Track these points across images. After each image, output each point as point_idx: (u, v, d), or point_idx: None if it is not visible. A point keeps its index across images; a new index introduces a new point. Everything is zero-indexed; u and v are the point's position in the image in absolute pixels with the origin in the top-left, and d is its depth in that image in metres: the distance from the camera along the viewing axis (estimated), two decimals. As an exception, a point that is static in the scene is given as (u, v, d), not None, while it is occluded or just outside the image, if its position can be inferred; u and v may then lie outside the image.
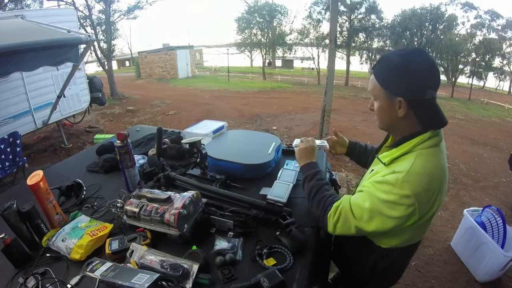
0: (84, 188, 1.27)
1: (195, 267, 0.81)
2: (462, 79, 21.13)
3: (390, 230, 0.81)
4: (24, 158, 3.30)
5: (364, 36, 21.12)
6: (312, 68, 26.33)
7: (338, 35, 19.68)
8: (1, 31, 2.81)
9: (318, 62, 20.93)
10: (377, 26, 20.63)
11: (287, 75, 24.46)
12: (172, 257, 0.85)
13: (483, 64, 18.97)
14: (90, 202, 1.22)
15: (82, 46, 3.13)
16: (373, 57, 21.46)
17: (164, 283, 0.76)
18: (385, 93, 0.81)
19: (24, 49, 2.31)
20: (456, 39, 18.48)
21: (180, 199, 0.96)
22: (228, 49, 24.15)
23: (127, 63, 32.26)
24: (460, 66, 19.14)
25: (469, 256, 2.31)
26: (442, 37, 18.77)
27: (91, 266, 0.80)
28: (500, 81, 24.22)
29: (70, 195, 1.26)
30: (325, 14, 20.02)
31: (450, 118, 9.98)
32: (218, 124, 1.84)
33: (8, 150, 3.12)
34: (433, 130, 0.81)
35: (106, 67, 11.06)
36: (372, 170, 0.91)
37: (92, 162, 1.59)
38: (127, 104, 9.61)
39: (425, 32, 19.70)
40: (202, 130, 1.73)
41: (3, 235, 0.87)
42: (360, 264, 1.06)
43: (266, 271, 0.82)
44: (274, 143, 1.58)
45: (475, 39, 18.55)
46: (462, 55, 18.53)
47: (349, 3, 19.61)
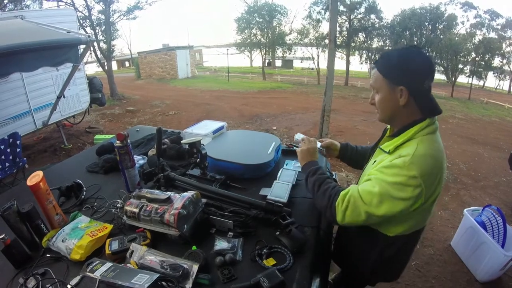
0: (84, 188, 1.28)
1: (195, 267, 0.81)
2: (462, 79, 21.13)
3: (398, 213, 0.84)
4: (24, 159, 3.30)
5: (364, 36, 21.11)
6: (312, 68, 26.32)
7: (338, 35, 19.69)
8: (1, 31, 2.81)
9: (318, 62, 20.92)
10: (376, 26, 20.61)
11: (287, 75, 24.44)
12: (172, 257, 0.85)
13: (483, 63, 18.94)
14: (90, 202, 1.22)
15: (82, 47, 3.13)
16: (372, 57, 21.45)
17: (164, 283, 0.76)
18: (387, 83, 0.88)
19: (24, 49, 2.31)
20: (456, 38, 18.47)
21: (180, 199, 0.96)
22: (227, 49, 24.14)
23: (127, 64, 32.26)
24: (460, 66, 19.12)
25: (469, 256, 2.31)
26: (441, 36, 18.75)
27: (91, 267, 0.80)
28: (500, 80, 24.20)
29: (70, 195, 1.27)
30: (324, 14, 20.02)
31: (450, 117, 9.98)
32: (218, 124, 1.84)
33: (8, 150, 3.12)
34: (430, 118, 0.88)
35: (106, 68, 11.05)
36: (375, 161, 0.95)
37: (92, 162, 1.59)
38: (127, 105, 9.61)
39: (424, 32, 19.69)
40: (202, 130, 1.73)
41: (3, 235, 0.87)
42: (365, 259, 1.06)
43: (266, 271, 0.82)
44: (274, 143, 1.58)
45: (474, 39, 18.52)
46: (461, 54, 18.50)
47: (348, 3, 19.60)
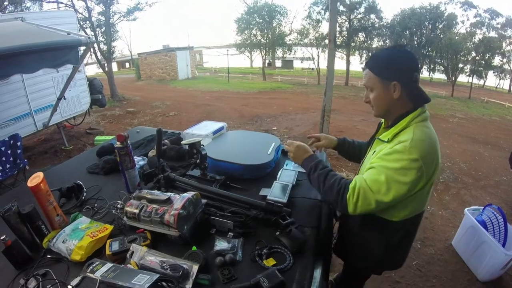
0: (85, 189, 1.28)
1: (195, 268, 0.81)
2: (462, 78, 21.07)
3: (404, 196, 0.90)
4: (25, 160, 3.31)
5: (364, 35, 21.08)
6: (312, 68, 26.30)
7: (338, 35, 19.68)
8: (1, 33, 2.81)
9: (318, 62, 20.90)
10: (376, 25, 20.59)
11: (287, 76, 24.43)
12: (172, 257, 0.85)
13: (483, 62, 18.89)
14: (91, 203, 1.22)
15: (82, 48, 3.14)
16: (373, 56, 21.36)
17: (164, 283, 0.76)
18: (380, 81, 0.95)
19: (24, 51, 2.31)
20: (456, 38, 18.45)
21: (180, 200, 0.96)
22: (228, 50, 24.14)
23: (127, 65, 32.27)
24: (460, 65, 19.08)
25: (470, 255, 2.30)
26: (441, 36, 18.74)
27: (91, 267, 0.80)
28: (500, 79, 24.18)
29: (70, 196, 1.27)
30: (324, 14, 20.01)
31: (451, 117, 9.98)
32: (218, 125, 1.85)
33: (9, 152, 3.13)
34: (421, 107, 0.96)
35: (106, 69, 11.06)
36: (374, 151, 1.00)
37: (92, 163, 1.60)
38: (127, 106, 9.61)
39: (424, 31, 19.68)
40: (202, 131, 1.74)
41: (4, 236, 0.87)
42: (372, 247, 1.10)
43: (266, 271, 0.83)
44: (274, 144, 1.58)
45: (474, 38, 18.50)
46: (462, 53, 18.48)
47: (348, 3, 19.59)
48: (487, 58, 18.67)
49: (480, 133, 7.78)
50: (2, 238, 0.87)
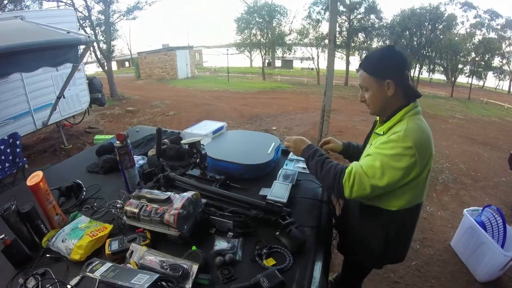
0: (84, 188, 1.28)
1: (195, 268, 0.81)
2: (462, 79, 21.11)
3: (398, 182, 0.94)
4: (24, 159, 3.30)
5: (364, 36, 21.06)
6: (312, 68, 26.31)
7: (338, 35, 19.67)
8: (0, 32, 2.80)
9: (318, 62, 20.91)
10: (376, 26, 20.57)
11: (287, 75, 24.43)
12: (171, 257, 0.85)
13: (483, 63, 18.91)
14: (90, 202, 1.22)
15: (82, 47, 3.13)
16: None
17: (164, 283, 0.76)
18: (375, 80, 1.00)
19: (24, 50, 2.30)
20: (456, 38, 18.45)
21: (179, 200, 0.96)
22: (227, 49, 24.12)
23: (127, 64, 32.23)
24: (460, 66, 19.10)
25: (469, 256, 2.31)
26: (441, 36, 18.71)
27: (91, 267, 0.80)
28: (499, 80, 24.19)
29: (70, 195, 1.27)
30: (324, 14, 20.00)
31: (450, 117, 9.99)
32: (217, 124, 1.85)
33: (8, 151, 3.12)
34: (413, 102, 1.01)
35: (106, 68, 11.05)
36: (371, 144, 1.05)
37: (92, 162, 1.59)
38: (126, 105, 9.61)
39: (424, 32, 19.64)
40: (201, 131, 1.73)
41: (3, 236, 0.87)
42: (373, 238, 1.12)
43: (265, 271, 0.83)
44: (273, 143, 1.58)
45: (474, 39, 18.50)
46: (461, 54, 18.49)
47: (348, 3, 19.59)
48: (486, 59, 18.69)
49: (480, 134, 7.79)
50: (1, 237, 0.87)
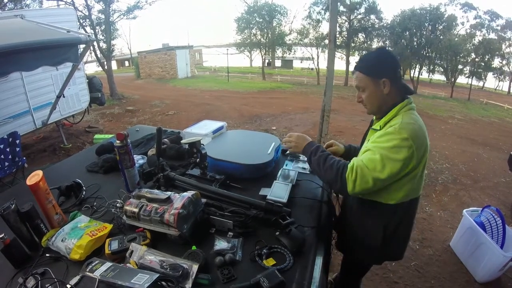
0: (84, 188, 1.27)
1: (195, 267, 0.81)
2: (462, 80, 21.10)
3: (398, 174, 0.96)
4: (24, 158, 3.29)
5: (364, 36, 21.05)
6: (312, 68, 26.30)
7: (338, 35, 19.67)
8: (0, 30, 2.80)
9: (318, 62, 20.89)
10: (376, 26, 20.56)
11: (287, 75, 24.42)
12: (171, 257, 0.85)
13: (483, 64, 18.91)
14: (90, 202, 1.22)
15: (82, 46, 3.13)
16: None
17: (163, 283, 0.76)
18: (371, 80, 1.04)
19: (24, 49, 2.30)
20: (456, 39, 18.45)
21: (179, 199, 0.96)
22: (227, 49, 24.10)
23: (127, 63, 32.21)
24: (460, 67, 19.12)
25: (468, 256, 2.31)
26: (441, 37, 18.70)
27: (90, 266, 0.80)
28: (499, 81, 24.20)
29: (69, 195, 1.26)
30: (324, 14, 19.99)
31: (450, 118, 10.00)
32: (217, 124, 1.84)
33: (8, 150, 3.11)
34: (407, 99, 1.06)
35: (106, 67, 11.05)
36: (368, 140, 1.09)
37: (91, 162, 1.59)
38: (126, 104, 9.60)
39: (424, 32, 19.63)
40: (201, 130, 1.73)
41: (3, 235, 0.87)
42: (373, 232, 1.14)
43: (265, 271, 0.83)
44: (273, 143, 1.58)
45: (474, 40, 18.50)
46: (461, 55, 18.49)
47: (348, 3, 19.58)
48: (486, 59, 18.69)
49: (479, 134, 7.80)
50: (1, 236, 0.86)
